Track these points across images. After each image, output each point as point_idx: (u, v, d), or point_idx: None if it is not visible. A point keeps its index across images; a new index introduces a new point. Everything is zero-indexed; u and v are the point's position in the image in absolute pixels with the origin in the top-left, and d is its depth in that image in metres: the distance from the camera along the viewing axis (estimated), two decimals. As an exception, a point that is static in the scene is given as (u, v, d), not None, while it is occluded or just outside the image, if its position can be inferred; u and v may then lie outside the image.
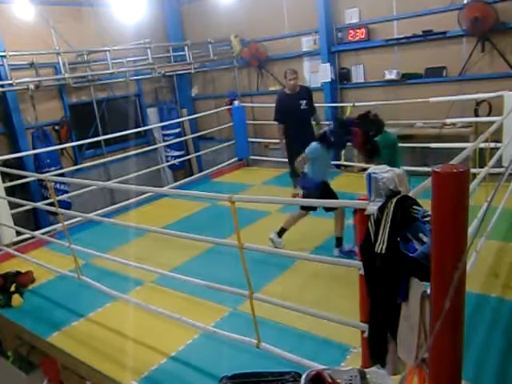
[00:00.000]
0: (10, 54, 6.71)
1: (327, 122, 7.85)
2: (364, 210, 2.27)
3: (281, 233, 5.01)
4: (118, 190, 8.19)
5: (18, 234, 5.68)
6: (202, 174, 8.80)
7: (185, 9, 10.03)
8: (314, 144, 4.63)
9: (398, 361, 2.18)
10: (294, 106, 6.06)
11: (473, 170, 3.33)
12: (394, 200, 2.06)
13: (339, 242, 4.81)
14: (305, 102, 6.10)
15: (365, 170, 2.44)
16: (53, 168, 7.16)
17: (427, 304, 1.94)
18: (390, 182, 2.17)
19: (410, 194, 2.18)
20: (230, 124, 8.73)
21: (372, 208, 2.18)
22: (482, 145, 4.35)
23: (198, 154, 9.71)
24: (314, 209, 4.84)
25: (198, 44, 9.20)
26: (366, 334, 2.42)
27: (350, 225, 4.99)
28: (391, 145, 4.51)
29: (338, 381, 1.99)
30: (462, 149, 3.32)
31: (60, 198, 6.64)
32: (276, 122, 6.42)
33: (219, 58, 9.23)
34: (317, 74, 8.23)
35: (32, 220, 7.46)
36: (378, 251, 2.06)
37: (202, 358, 3.35)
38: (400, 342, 2.10)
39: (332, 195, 4.78)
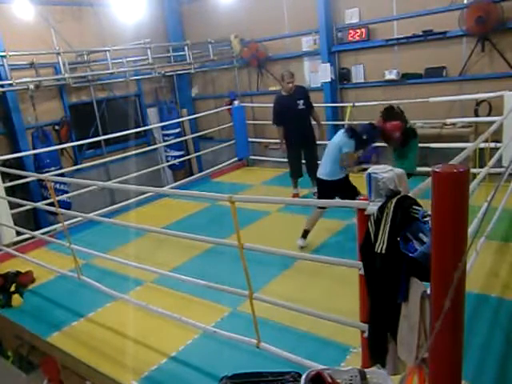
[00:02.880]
0: (10, 54, 6.70)
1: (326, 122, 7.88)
2: (364, 209, 2.27)
3: (305, 235, 4.91)
4: (118, 190, 8.19)
5: (18, 234, 5.68)
6: (202, 174, 8.80)
7: (185, 9, 10.03)
8: (347, 140, 4.60)
9: (398, 361, 2.18)
10: (291, 107, 6.07)
11: (473, 170, 3.33)
12: (394, 200, 2.06)
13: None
14: (302, 101, 6.11)
15: (365, 170, 2.44)
16: (53, 168, 7.16)
17: (427, 304, 1.94)
18: (390, 182, 2.17)
19: (409, 194, 2.18)
20: (230, 124, 8.73)
21: (372, 208, 2.18)
22: (482, 145, 4.35)
23: (198, 154, 9.70)
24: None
25: (198, 44, 9.19)
26: (366, 334, 2.42)
27: (352, 224, 5.00)
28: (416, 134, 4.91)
29: (338, 381, 1.99)
30: (462, 149, 3.33)
31: (60, 198, 6.64)
32: (275, 126, 6.44)
33: (219, 58, 9.23)
34: (317, 74, 8.22)
35: (32, 220, 7.45)
36: (378, 251, 2.06)
37: (201, 358, 3.35)
38: (400, 341, 2.10)
39: (352, 188, 4.83)
